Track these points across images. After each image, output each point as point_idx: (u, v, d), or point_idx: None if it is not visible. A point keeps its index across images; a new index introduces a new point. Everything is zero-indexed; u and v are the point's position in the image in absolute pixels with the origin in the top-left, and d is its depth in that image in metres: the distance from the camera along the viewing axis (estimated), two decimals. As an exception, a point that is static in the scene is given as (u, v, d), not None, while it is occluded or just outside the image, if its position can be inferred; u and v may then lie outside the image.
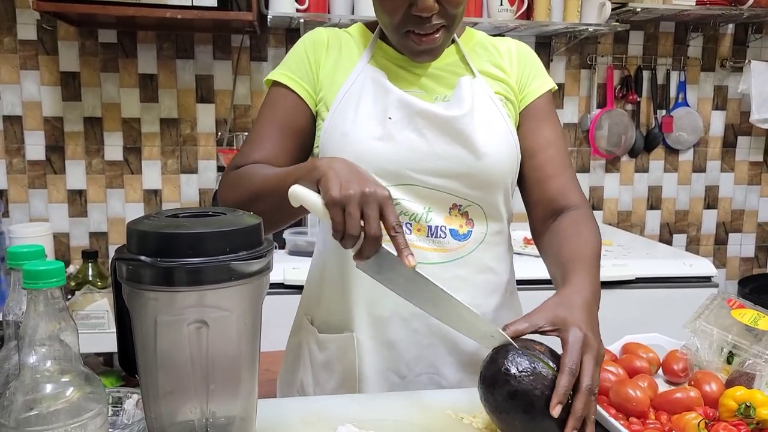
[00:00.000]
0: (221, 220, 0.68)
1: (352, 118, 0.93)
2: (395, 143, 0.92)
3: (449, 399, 0.89)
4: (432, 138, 0.93)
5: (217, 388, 0.68)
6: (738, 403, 0.81)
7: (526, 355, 0.74)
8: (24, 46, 2.14)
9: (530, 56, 1.04)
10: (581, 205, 0.99)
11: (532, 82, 1.02)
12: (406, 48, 0.94)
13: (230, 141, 2.24)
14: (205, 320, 0.65)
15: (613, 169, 2.55)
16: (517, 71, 1.01)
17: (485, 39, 1.04)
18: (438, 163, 0.93)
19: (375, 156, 0.92)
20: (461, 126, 0.93)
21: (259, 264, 0.66)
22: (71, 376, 0.57)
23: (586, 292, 0.82)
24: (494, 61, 1.02)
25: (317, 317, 1.04)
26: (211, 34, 2.23)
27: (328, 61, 0.99)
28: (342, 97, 0.96)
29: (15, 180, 2.20)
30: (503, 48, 1.03)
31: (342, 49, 1.00)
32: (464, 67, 1.00)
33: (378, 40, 1.01)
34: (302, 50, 1.00)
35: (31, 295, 0.55)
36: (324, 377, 1.01)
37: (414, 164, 0.93)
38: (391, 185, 0.92)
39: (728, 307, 1.00)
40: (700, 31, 2.47)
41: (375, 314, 0.97)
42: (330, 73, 0.98)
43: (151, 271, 0.62)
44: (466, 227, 0.96)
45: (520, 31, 2.28)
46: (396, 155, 0.92)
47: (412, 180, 0.93)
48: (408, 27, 0.90)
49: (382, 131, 0.93)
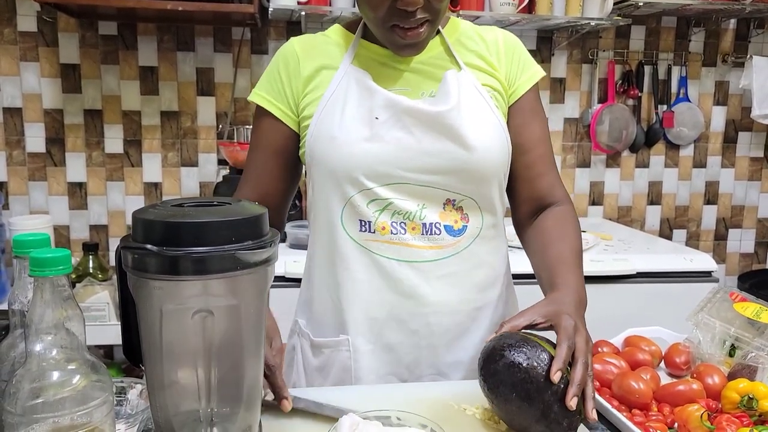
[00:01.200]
0: (226, 209, 0.67)
1: (338, 121, 0.93)
2: (384, 143, 0.91)
3: (450, 390, 0.89)
4: (420, 135, 0.92)
5: (222, 378, 0.68)
6: (741, 396, 0.81)
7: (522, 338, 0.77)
8: (24, 37, 2.13)
9: (517, 47, 1.02)
10: (565, 201, 1.02)
11: (521, 76, 1.00)
12: (390, 42, 0.93)
13: (230, 134, 2.23)
14: (211, 309, 0.64)
15: (614, 164, 2.55)
16: (505, 65, 1.00)
17: (470, 29, 1.02)
18: (428, 160, 0.92)
19: (364, 157, 0.91)
20: (449, 121, 0.92)
21: (265, 253, 0.66)
22: (77, 364, 0.57)
23: (574, 294, 0.86)
24: (480, 53, 0.99)
25: (310, 321, 1.03)
26: (211, 26, 2.22)
27: (306, 70, 0.97)
28: (327, 100, 0.95)
29: (15, 172, 2.20)
30: (490, 38, 1.01)
31: (321, 53, 0.98)
32: (449, 60, 0.98)
33: (360, 39, 0.99)
34: (275, 69, 1.00)
35: (38, 283, 0.55)
36: (318, 381, 1.01)
37: (404, 163, 0.92)
38: (382, 185, 0.92)
39: (730, 300, 1.00)
40: (701, 26, 2.47)
41: (371, 317, 0.96)
42: (310, 80, 0.97)
43: (157, 260, 0.62)
44: (461, 222, 0.96)
45: (522, 25, 2.27)
46: (385, 155, 0.91)
47: (403, 179, 0.92)
48: (393, 21, 0.88)
49: (370, 132, 0.92)
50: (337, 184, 0.93)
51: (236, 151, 2.07)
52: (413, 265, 0.94)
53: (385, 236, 0.93)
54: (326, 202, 0.95)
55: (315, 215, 0.99)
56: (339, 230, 0.94)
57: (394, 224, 0.93)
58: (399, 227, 0.93)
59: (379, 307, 0.95)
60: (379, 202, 0.93)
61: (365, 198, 0.92)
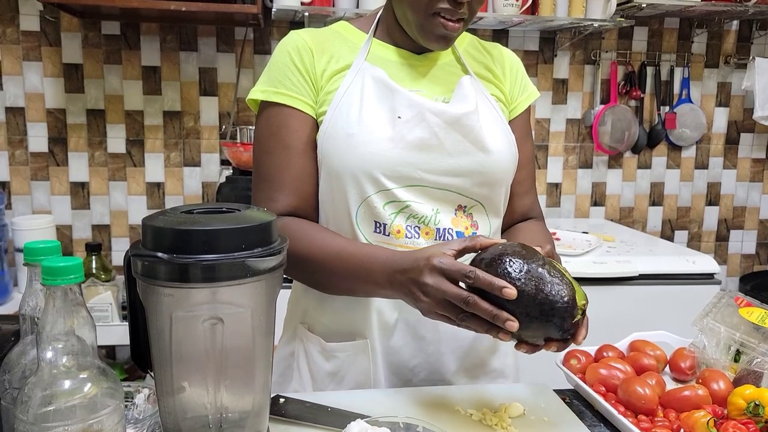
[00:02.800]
0: (236, 216, 0.67)
1: (356, 118, 0.91)
2: (406, 143, 0.91)
3: (458, 396, 0.89)
4: (443, 136, 0.92)
5: (231, 383, 0.68)
6: (747, 402, 0.81)
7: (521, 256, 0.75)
8: (27, 37, 2.13)
9: (520, 66, 1.07)
10: (541, 218, 1.10)
11: (520, 95, 1.05)
12: (427, 30, 0.91)
13: (233, 134, 2.23)
14: (220, 316, 0.65)
15: (616, 165, 2.55)
16: (509, 81, 1.04)
17: (476, 41, 1.07)
18: (449, 161, 0.93)
19: (386, 158, 0.90)
20: (471, 122, 0.93)
21: (274, 261, 0.66)
22: (89, 372, 0.57)
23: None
24: (487, 65, 1.03)
25: (319, 325, 1.00)
26: (214, 26, 2.22)
27: (320, 63, 0.95)
28: (342, 95, 0.93)
29: (17, 172, 2.20)
30: (495, 53, 1.06)
31: (332, 48, 0.96)
32: (460, 68, 1.01)
33: (373, 38, 0.99)
34: (288, 61, 0.94)
35: (50, 291, 0.55)
36: (332, 387, 0.98)
37: (425, 164, 0.92)
38: (402, 186, 0.91)
39: (736, 305, 1.00)
40: (704, 28, 2.47)
41: (383, 320, 0.95)
42: (323, 74, 0.94)
43: (167, 268, 0.62)
44: (471, 229, 0.96)
45: (525, 26, 2.27)
46: (408, 156, 0.91)
47: (422, 181, 0.92)
48: (439, 8, 0.89)
49: (393, 131, 0.91)
50: (355, 182, 0.91)
51: (239, 151, 2.07)
52: None
53: (400, 240, 0.92)
54: (341, 201, 0.93)
55: (326, 215, 0.96)
56: (354, 230, 0.93)
57: (408, 228, 0.93)
58: (414, 231, 0.93)
59: (391, 310, 0.95)
60: (397, 204, 0.92)
61: (383, 198, 0.91)
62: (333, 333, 0.98)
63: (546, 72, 2.42)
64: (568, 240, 2.04)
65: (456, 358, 0.98)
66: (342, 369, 0.97)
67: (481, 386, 0.94)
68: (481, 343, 0.99)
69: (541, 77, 2.42)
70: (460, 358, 0.98)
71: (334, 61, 0.96)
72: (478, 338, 0.98)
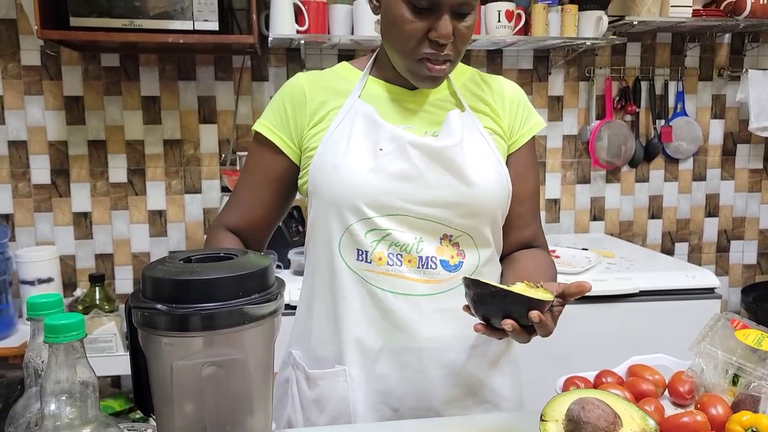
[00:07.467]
0: (233, 264, 0.69)
1: (343, 151, 0.95)
2: (387, 174, 0.93)
3: (445, 429, 0.89)
4: (424, 168, 0.94)
5: (232, 426, 0.69)
6: (744, 428, 0.82)
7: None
8: (28, 71, 2.16)
9: (522, 99, 1.07)
10: (544, 247, 1.11)
11: (523, 127, 1.05)
12: (414, 73, 0.95)
13: (233, 161, 2.26)
14: (220, 363, 0.66)
15: (614, 180, 2.56)
16: (508, 115, 1.04)
17: (477, 74, 1.07)
18: (429, 192, 0.94)
19: (366, 187, 0.93)
20: (452, 155, 0.95)
21: (272, 306, 0.68)
22: (92, 426, 0.58)
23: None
24: (485, 99, 1.04)
25: (306, 353, 1.03)
26: (212, 55, 2.25)
27: (313, 104, 1.00)
28: (333, 131, 0.97)
29: (21, 204, 2.22)
30: (495, 87, 1.06)
31: (328, 87, 1.01)
32: (454, 102, 1.02)
33: (368, 76, 1.02)
34: (280, 102, 1.02)
35: (52, 348, 0.57)
36: (314, 415, 1.00)
37: (405, 194, 0.94)
38: (382, 215, 0.93)
39: (732, 328, 1.01)
40: (696, 42, 2.49)
41: (365, 348, 0.97)
42: (316, 113, 1.00)
43: (167, 318, 0.63)
44: (458, 258, 0.97)
45: (519, 46, 2.30)
46: (388, 186, 0.93)
47: (403, 210, 0.94)
48: (424, 53, 0.92)
49: (374, 163, 0.94)
50: (338, 211, 0.94)
51: (239, 178, 2.09)
52: (408, 298, 0.95)
53: (382, 267, 0.94)
54: (325, 230, 0.96)
55: (314, 244, 1.00)
56: (336, 258, 0.96)
57: (390, 255, 0.94)
58: (395, 259, 0.94)
59: (374, 338, 0.96)
60: (378, 232, 0.94)
61: (364, 227, 0.94)
62: (315, 360, 1.01)
63: (541, 89, 2.44)
64: (568, 257, 2.05)
65: (444, 386, 0.98)
66: (323, 397, 0.99)
67: (472, 417, 0.94)
68: (469, 373, 0.99)
69: (537, 95, 2.44)
70: (448, 387, 0.98)
71: (330, 100, 1.00)
72: (465, 368, 0.99)
